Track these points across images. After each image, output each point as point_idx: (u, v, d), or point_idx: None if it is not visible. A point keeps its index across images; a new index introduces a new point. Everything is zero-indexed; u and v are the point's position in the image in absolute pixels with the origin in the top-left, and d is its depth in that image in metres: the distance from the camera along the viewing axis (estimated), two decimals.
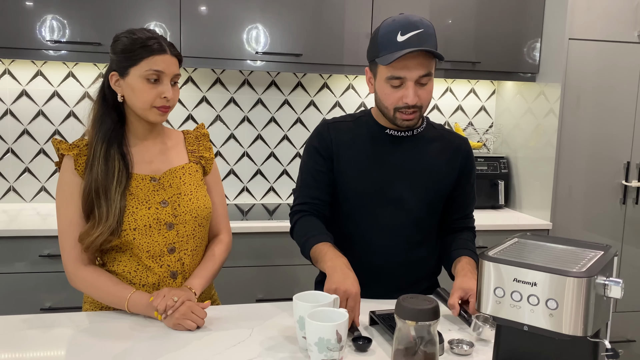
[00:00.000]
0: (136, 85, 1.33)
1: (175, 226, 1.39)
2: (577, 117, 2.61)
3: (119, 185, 1.32)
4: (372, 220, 1.47)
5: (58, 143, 1.37)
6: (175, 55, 1.37)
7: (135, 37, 1.34)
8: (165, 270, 1.39)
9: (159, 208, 1.37)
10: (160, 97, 1.34)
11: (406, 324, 0.96)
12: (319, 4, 2.51)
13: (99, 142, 1.34)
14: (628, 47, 2.60)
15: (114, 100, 1.37)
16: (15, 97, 2.63)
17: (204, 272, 1.42)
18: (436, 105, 3.07)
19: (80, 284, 1.35)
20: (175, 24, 2.40)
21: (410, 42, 1.32)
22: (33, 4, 2.28)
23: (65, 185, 1.36)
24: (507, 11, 2.69)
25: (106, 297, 1.33)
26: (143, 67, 1.32)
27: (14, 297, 2.18)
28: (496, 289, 0.88)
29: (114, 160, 1.34)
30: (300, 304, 1.13)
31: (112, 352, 1.13)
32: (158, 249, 1.37)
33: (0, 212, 2.48)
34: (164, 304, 1.23)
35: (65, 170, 1.37)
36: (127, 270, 1.38)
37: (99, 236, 1.30)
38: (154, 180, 1.40)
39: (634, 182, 2.67)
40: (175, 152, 1.47)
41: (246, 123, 2.87)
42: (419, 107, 1.38)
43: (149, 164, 1.42)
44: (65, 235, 1.35)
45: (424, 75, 1.34)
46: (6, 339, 1.19)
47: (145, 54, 1.32)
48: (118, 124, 1.38)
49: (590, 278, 0.81)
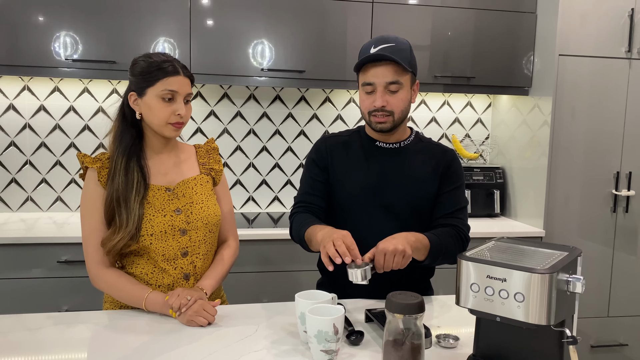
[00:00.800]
0: (153, 104, 1.46)
1: (188, 232, 1.52)
2: (568, 129, 2.73)
3: (138, 194, 1.45)
4: (365, 225, 1.60)
5: (82, 157, 1.51)
6: (187, 76, 1.51)
7: (152, 60, 1.48)
8: (179, 272, 1.51)
9: (174, 215, 1.50)
10: (174, 114, 1.47)
11: (395, 317, 1.08)
12: (321, 23, 2.65)
13: (120, 156, 1.48)
14: (616, 63, 2.73)
15: (132, 118, 1.51)
16: (34, 112, 2.78)
17: (214, 274, 1.54)
18: (434, 118, 3.20)
19: (102, 284, 1.48)
20: (185, 42, 2.54)
21: (378, 53, 1.50)
22: (51, 24, 2.43)
23: (89, 195, 1.49)
24: (501, 29, 2.82)
25: (126, 296, 1.46)
26: (159, 87, 1.45)
27: (33, 301, 2.31)
28: (472, 285, 1.00)
29: (133, 172, 1.47)
30: (301, 301, 1.25)
31: (133, 345, 1.26)
32: (172, 253, 1.50)
33: (19, 221, 2.61)
34: (179, 302, 1.36)
35: (89, 182, 1.50)
36: (145, 272, 1.51)
37: (119, 241, 1.43)
38: (169, 191, 1.53)
39: (623, 191, 2.78)
40: (187, 165, 1.60)
41: (252, 135, 3.01)
42: (390, 112, 1.53)
43: (164, 175, 1.55)
44: (88, 241, 1.48)
45: (391, 82, 1.50)
46: (34, 334, 1.32)
47: (161, 75, 1.45)
48: (136, 140, 1.52)
49: (552, 274, 0.93)
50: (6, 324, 1.37)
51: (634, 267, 2.85)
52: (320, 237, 1.41)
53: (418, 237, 1.46)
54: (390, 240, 1.37)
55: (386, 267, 1.35)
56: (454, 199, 1.63)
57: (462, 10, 2.78)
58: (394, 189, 1.60)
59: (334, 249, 1.30)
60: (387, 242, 1.36)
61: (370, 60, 1.51)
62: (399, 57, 1.49)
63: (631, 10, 2.68)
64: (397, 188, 1.60)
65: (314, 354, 1.18)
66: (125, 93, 1.52)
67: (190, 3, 2.53)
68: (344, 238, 1.33)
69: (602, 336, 2.86)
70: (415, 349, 1.09)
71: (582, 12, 2.66)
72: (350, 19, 2.67)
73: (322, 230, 1.43)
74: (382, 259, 1.34)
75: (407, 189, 1.60)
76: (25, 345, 1.26)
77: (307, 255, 2.25)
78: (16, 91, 2.75)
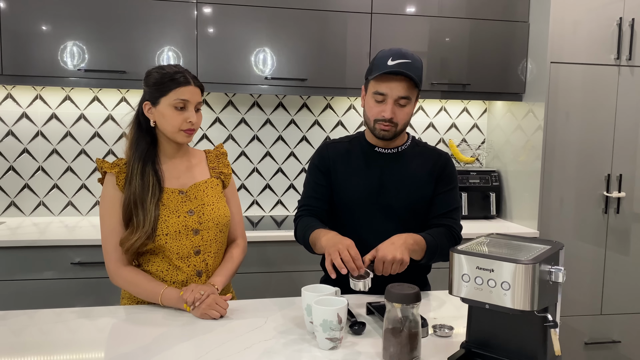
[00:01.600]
0: (166, 112, 1.57)
1: (200, 232, 1.62)
2: (562, 133, 2.83)
3: (154, 197, 1.56)
4: (365, 225, 1.70)
5: (101, 162, 1.62)
6: (198, 86, 1.62)
7: (164, 72, 1.59)
8: (192, 269, 1.62)
9: (187, 216, 1.61)
10: (186, 121, 1.58)
11: (394, 307, 1.19)
12: (322, 33, 2.76)
13: (136, 161, 1.59)
14: (606, 70, 2.84)
15: (147, 126, 1.62)
16: (46, 120, 2.88)
17: (225, 271, 1.65)
18: (432, 123, 3.31)
19: (121, 281, 1.59)
20: (192, 51, 2.65)
21: (397, 67, 1.58)
22: (61, 34, 2.54)
23: (108, 198, 1.60)
24: (495, 38, 2.94)
25: (143, 292, 1.56)
26: (171, 97, 1.56)
27: (48, 302, 2.39)
28: (463, 275, 1.10)
29: (149, 176, 1.58)
30: (307, 293, 1.36)
31: (152, 335, 1.36)
32: (186, 251, 1.61)
33: (31, 225, 2.71)
34: (193, 297, 1.47)
35: (107, 186, 1.61)
36: (160, 270, 1.61)
37: (137, 240, 1.53)
38: (182, 193, 1.63)
39: (614, 192, 2.89)
40: (199, 169, 1.71)
41: (256, 141, 3.12)
42: (394, 124, 1.63)
43: (177, 179, 1.66)
44: (107, 241, 1.59)
45: (402, 97, 1.60)
46: (59, 326, 1.42)
47: (173, 86, 1.56)
48: (151, 146, 1.63)
49: (535, 265, 1.03)
50: (35, 317, 1.48)
51: (626, 266, 2.95)
52: (325, 242, 1.51)
53: (416, 239, 1.57)
54: (390, 247, 1.48)
55: (385, 273, 1.47)
56: (448, 200, 1.74)
57: (458, 20, 2.89)
58: (393, 192, 1.70)
59: (339, 259, 1.41)
60: (387, 250, 1.47)
61: (387, 73, 1.58)
62: (414, 75, 1.58)
63: (619, 19, 2.80)
64: (395, 190, 1.70)
65: (320, 341, 1.28)
66: (139, 102, 1.63)
67: (197, 13, 2.64)
68: (349, 248, 1.44)
69: (595, 333, 2.96)
70: (413, 336, 1.19)
71: (573, 21, 2.78)
72: (350, 28, 2.78)
73: (326, 236, 1.53)
74: (382, 266, 1.46)
75: (405, 191, 1.70)
76: (52, 335, 1.36)
77: (309, 256, 2.35)
78: (29, 100, 2.86)
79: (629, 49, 2.83)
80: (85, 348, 1.31)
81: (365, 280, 1.40)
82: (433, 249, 1.60)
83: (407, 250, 1.49)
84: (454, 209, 1.73)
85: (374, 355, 1.27)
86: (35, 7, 2.51)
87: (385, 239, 1.56)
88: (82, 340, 1.34)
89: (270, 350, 1.28)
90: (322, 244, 1.52)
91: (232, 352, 1.27)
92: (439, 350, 1.29)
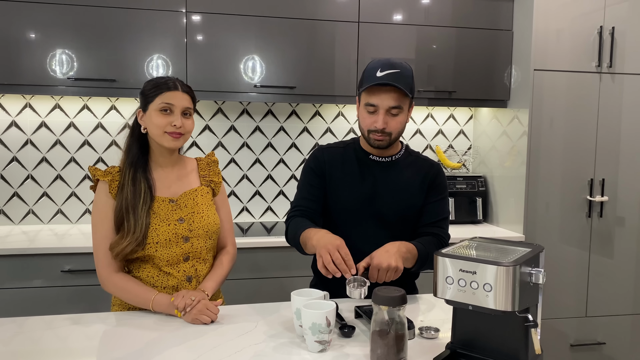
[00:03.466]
0: (153, 116, 1.61)
1: (191, 239, 1.65)
2: (546, 139, 2.89)
3: (145, 204, 1.59)
4: (358, 231, 1.73)
5: (94, 170, 1.64)
6: (185, 91, 1.65)
7: (154, 81, 1.65)
8: (182, 275, 1.64)
9: (177, 224, 1.63)
10: (170, 124, 1.60)
11: (381, 309, 1.22)
12: (310, 42, 2.80)
13: (127, 168, 1.62)
14: (588, 77, 2.91)
15: (139, 133, 1.66)
16: (35, 128, 2.89)
17: (215, 277, 1.68)
18: (419, 130, 3.36)
19: (112, 287, 1.61)
20: (181, 60, 2.68)
21: (385, 78, 1.61)
22: (50, 43, 2.56)
23: (100, 205, 1.62)
24: (480, 46, 3.00)
25: (134, 298, 1.58)
26: (157, 102, 1.61)
27: (37, 310, 2.38)
28: (447, 278, 1.14)
29: (140, 183, 1.61)
30: (297, 298, 1.39)
31: (143, 341, 1.38)
32: (175, 258, 1.63)
33: (21, 233, 2.71)
34: (184, 303, 1.49)
35: (100, 193, 1.63)
36: (150, 276, 1.63)
37: (127, 246, 1.56)
38: (172, 202, 1.66)
39: (597, 197, 2.95)
40: (189, 178, 1.74)
41: (245, 148, 3.14)
42: (388, 133, 1.66)
43: (168, 188, 1.69)
44: (98, 247, 1.61)
45: (393, 107, 1.63)
46: (49, 333, 1.44)
47: (160, 91, 1.62)
48: (141, 152, 1.66)
49: (516, 267, 1.07)
50: (25, 325, 1.49)
51: (609, 269, 3.01)
52: (315, 242, 1.53)
53: (408, 247, 1.61)
54: (384, 255, 1.51)
55: (379, 281, 1.50)
56: (438, 209, 1.78)
57: (444, 29, 2.95)
58: (385, 200, 1.74)
59: (332, 263, 1.42)
60: (382, 257, 1.50)
61: (376, 84, 1.61)
62: (403, 84, 1.61)
63: (600, 27, 2.87)
64: (388, 199, 1.74)
65: (309, 344, 1.31)
66: (135, 111, 1.69)
67: (186, 21, 2.67)
68: (339, 248, 1.45)
69: (581, 335, 3.01)
70: (399, 337, 1.22)
71: (556, 30, 2.85)
72: (338, 37, 2.83)
73: (317, 235, 1.55)
74: (376, 273, 1.49)
75: (397, 200, 1.74)
76: (42, 343, 1.37)
77: (299, 262, 2.39)
78: (18, 108, 2.87)
79: (609, 57, 2.90)
80: (75, 355, 1.32)
81: (362, 288, 1.42)
82: (424, 258, 1.65)
83: (400, 258, 1.52)
84: (443, 219, 1.78)
85: (361, 357, 1.30)
86: (23, 15, 2.52)
87: (376, 245, 1.59)
88: (72, 348, 1.36)
89: (261, 353, 1.31)
90: (313, 244, 1.54)
91: (223, 356, 1.29)
92: (425, 352, 1.32)
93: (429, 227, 1.76)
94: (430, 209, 1.76)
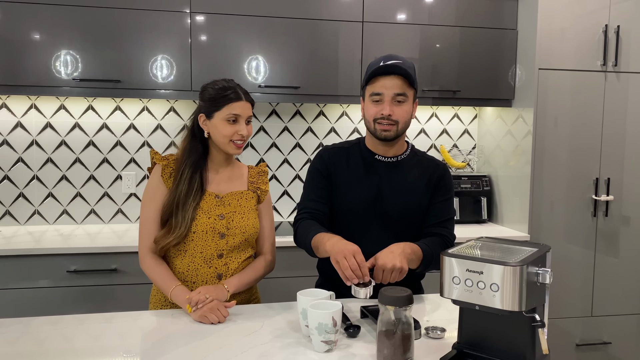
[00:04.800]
0: (219, 125, 1.69)
1: (226, 237, 1.71)
2: (551, 138, 2.89)
3: (194, 201, 1.67)
4: (363, 232, 1.73)
5: (154, 153, 1.77)
6: (249, 101, 1.74)
7: (218, 87, 1.71)
8: (214, 271, 1.70)
9: (217, 219, 1.70)
10: (237, 133, 1.69)
11: (387, 309, 1.22)
12: (314, 42, 2.80)
13: (187, 168, 1.70)
14: (593, 76, 2.90)
15: (201, 136, 1.74)
16: (41, 129, 2.90)
17: (242, 276, 1.72)
18: (423, 129, 3.35)
19: (145, 266, 1.70)
20: (186, 60, 2.68)
21: (390, 66, 1.64)
22: (55, 44, 2.57)
23: (151, 186, 1.73)
24: (484, 45, 2.99)
25: (159, 282, 1.67)
26: (224, 111, 1.68)
27: (43, 310, 2.39)
28: (454, 278, 1.13)
29: (195, 182, 1.69)
30: (303, 298, 1.39)
31: (149, 341, 1.38)
32: (209, 253, 1.69)
33: (26, 234, 2.72)
34: (197, 298, 1.52)
35: (153, 175, 1.74)
36: (183, 268, 1.70)
37: (172, 240, 1.65)
38: (218, 198, 1.73)
39: (603, 196, 2.94)
40: (239, 181, 1.82)
41: (250, 149, 3.14)
42: (395, 122, 1.66)
43: (218, 185, 1.77)
44: (143, 227, 1.71)
45: (398, 94, 1.64)
46: (55, 334, 1.44)
47: (226, 101, 1.69)
48: (203, 155, 1.74)
49: (523, 267, 1.07)
50: (30, 326, 1.49)
51: (615, 269, 3.00)
52: (330, 247, 1.52)
53: (414, 248, 1.60)
54: (389, 256, 1.50)
55: (384, 281, 1.50)
56: (443, 209, 1.77)
57: (448, 28, 2.94)
58: (390, 201, 1.73)
59: (349, 269, 1.42)
60: (387, 258, 1.49)
61: (381, 72, 1.64)
62: (408, 73, 1.64)
63: (605, 26, 2.86)
64: (393, 200, 1.73)
65: (315, 344, 1.31)
66: (194, 114, 1.76)
67: (190, 22, 2.67)
68: (355, 255, 1.45)
69: (586, 335, 3.00)
70: (406, 338, 1.22)
71: (560, 29, 2.84)
72: (341, 37, 2.83)
73: (331, 240, 1.54)
74: (381, 274, 1.49)
75: (402, 201, 1.73)
76: (48, 344, 1.38)
77: (304, 262, 2.38)
78: (23, 109, 2.88)
79: (614, 55, 2.89)
80: (81, 356, 1.32)
81: (367, 288, 1.42)
82: (429, 258, 1.64)
83: (405, 259, 1.52)
84: (448, 219, 1.77)
85: (368, 357, 1.30)
86: (28, 16, 2.53)
87: (381, 246, 1.58)
88: (77, 348, 1.36)
89: (267, 353, 1.31)
90: (327, 249, 1.53)
91: (229, 356, 1.29)
92: (432, 352, 1.32)
93: (434, 227, 1.75)
94: (435, 209, 1.75)
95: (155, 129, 3.03)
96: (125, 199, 3.02)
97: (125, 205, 3.02)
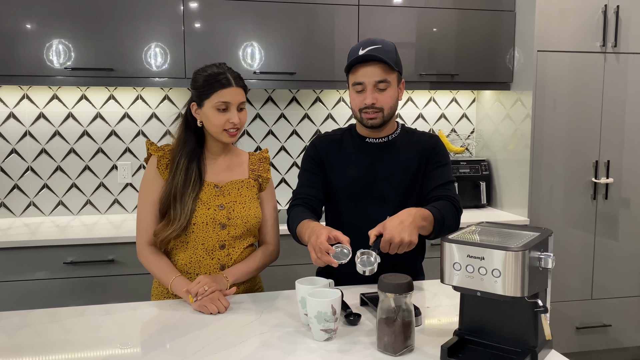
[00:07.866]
0: (209, 113, 1.63)
1: (228, 227, 1.67)
2: (550, 121, 2.86)
3: (193, 192, 1.63)
4: (361, 215, 1.71)
5: (150, 144, 1.73)
6: (240, 86, 1.67)
7: (207, 74, 1.64)
8: (216, 263, 1.67)
9: (217, 210, 1.66)
10: (228, 122, 1.63)
11: (387, 296, 1.20)
12: (309, 27, 2.76)
13: (183, 157, 1.66)
14: (593, 57, 2.86)
15: (195, 125, 1.69)
16: (34, 120, 2.86)
17: (242, 266, 1.69)
18: (421, 114, 3.32)
19: (143, 259, 1.67)
20: (179, 47, 2.64)
21: (367, 54, 1.61)
22: (46, 33, 2.52)
23: (148, 178, 1.69)
24: (482, 27, 2.95)
25: (158, 273, 1.64)
26: (213, 99, 1.62)
27: (41, 302, 2.39)
28: (454, 264, 1.11)
29: (193, 172, 1.65)
30: (301, 286, 1.37)
31: (147, 332, 1.36)
32: (211, 244, 1.66)
33: (22, 225, 2.70)
34: (196, 290, 1.50)
35: (149, 167, 1.71)
36: (184, 263, 1.68)
37: (171, 232, 1.61)
38: (217, 188, 1.69)
39: (602, 179, 2.92)
40: (239, 169, 1.77)
41: (246, 136, 3.11)
42: (379, 109, 1.64)
43: (217, 174, 1.72)
44: (141, 220, 1.68)
45: (379, 81, 1.62)
46: (53, 326, 1.43)
47: (215, 88, 1.62)
48: (198, 145, 1.70)
49: (525, 252, 1.05)
50: (29, 318, 1.48)
51: (614, 251, 3.00)
52: (307, 237, 1.50)
53: (424, 214, 1.51)
54: (398, 227, 1.40)
55: (391, 252, 1.42)
56: (441, 174, 1.70)
57: (445, 11, 2.90)
58: (385, 181, 1.72)
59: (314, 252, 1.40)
60: (395, 230, 1.39)
61: (360, 61, 1.62)
62: (386, 58, 1.61)
63: (604, 6, 2.82)
64: (388, 179, 1.72)
65: (315, 333, 1.29)
66: (187, 103, 1.71)
67: (183, 8, 2.63)
68: (321, 245, 1.39)
69: (586, 318, 3.00)
70: (406, 325, 1.21)
71: (559, 10, 2.80)
72: (337, 21, 2.78)
73: (308, 230, 1.52)
74: (388, 247, 1.41)
75: (398, 179, 1.71)
76: (46, 336, 1.36)
77: (302, 250, 2.35)
78: (16, 100, 2.84)
79: (614, 36, 2.85)
80: (79, 347, 1.31)
81: (372, 266, 1.37)
82: (441, 223, 1.55)
83: (415, 229, 1.44)
84: (448, 182, 1.70)
85: (368, 345, 1.28)
86: (19, 5, 2.48)
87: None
88: (76, 340, 1.34)
89: (266, 342, 1.29)
90: (305, 240, 1.53)
91: (228, 346, 1.28)
92: (433, 339, 1.31)
93: (437, 190, 1.68)
94: (434, 174, 1.70)
95: (150, 118, 2.99)
96: (122, 189, 2.99)
97: (121, 195, 3.00)
